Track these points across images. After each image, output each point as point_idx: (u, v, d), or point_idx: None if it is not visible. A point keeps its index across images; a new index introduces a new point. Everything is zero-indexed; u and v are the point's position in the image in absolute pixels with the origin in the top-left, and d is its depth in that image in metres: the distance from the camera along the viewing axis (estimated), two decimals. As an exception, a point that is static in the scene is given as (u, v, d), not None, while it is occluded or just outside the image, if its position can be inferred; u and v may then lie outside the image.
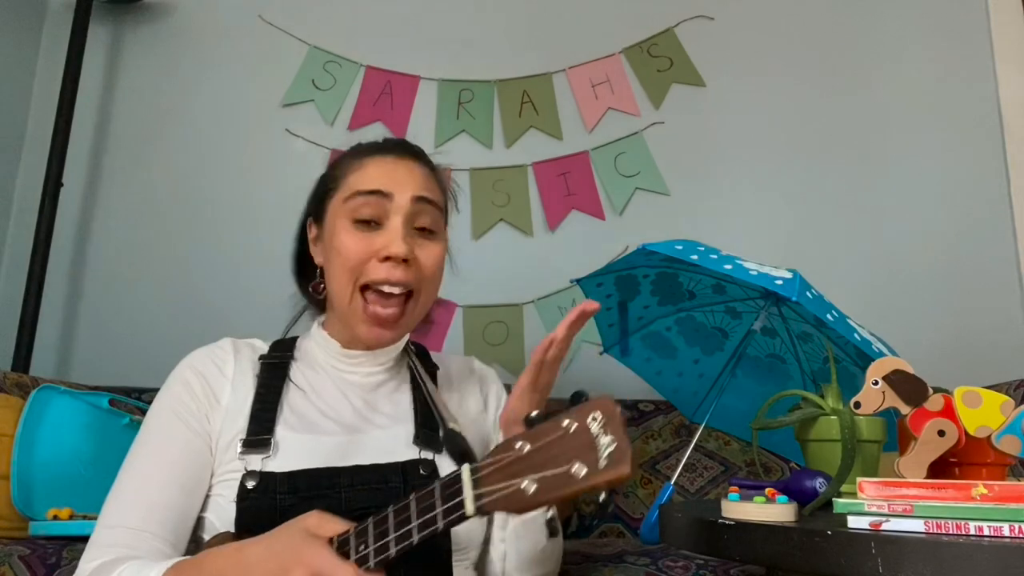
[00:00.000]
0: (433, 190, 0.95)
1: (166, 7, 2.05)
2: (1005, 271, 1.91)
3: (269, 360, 0.95)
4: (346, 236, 0.90)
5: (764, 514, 0.74)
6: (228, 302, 1.85)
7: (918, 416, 0.80)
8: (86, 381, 1.66)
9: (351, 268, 0.89)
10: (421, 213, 0.92)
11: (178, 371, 0.91)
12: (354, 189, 0.91)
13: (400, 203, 0.90)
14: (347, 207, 0.91)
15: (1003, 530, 0.62)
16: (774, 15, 2.05)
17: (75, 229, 1.93)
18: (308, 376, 0.95)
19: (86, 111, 1.96)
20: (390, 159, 0.94)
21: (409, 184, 0.92)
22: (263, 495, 0.81)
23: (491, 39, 2.04)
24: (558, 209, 1.95)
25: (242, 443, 0.85)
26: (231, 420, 0.87)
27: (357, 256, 0.89)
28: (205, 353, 0.93)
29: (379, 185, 0.90)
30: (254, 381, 0.92)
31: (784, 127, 1.99)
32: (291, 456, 0.85)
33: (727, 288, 1.31)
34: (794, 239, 1.92)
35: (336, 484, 0.83)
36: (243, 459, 0.84)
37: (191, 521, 0.84)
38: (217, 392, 0.89)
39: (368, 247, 0.89)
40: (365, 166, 0.94)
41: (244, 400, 0.89)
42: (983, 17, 2.03)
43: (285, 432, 0.87)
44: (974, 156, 1.97)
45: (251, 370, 0.93)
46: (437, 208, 0.94)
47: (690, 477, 1.63)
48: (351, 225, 0.90)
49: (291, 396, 0.91)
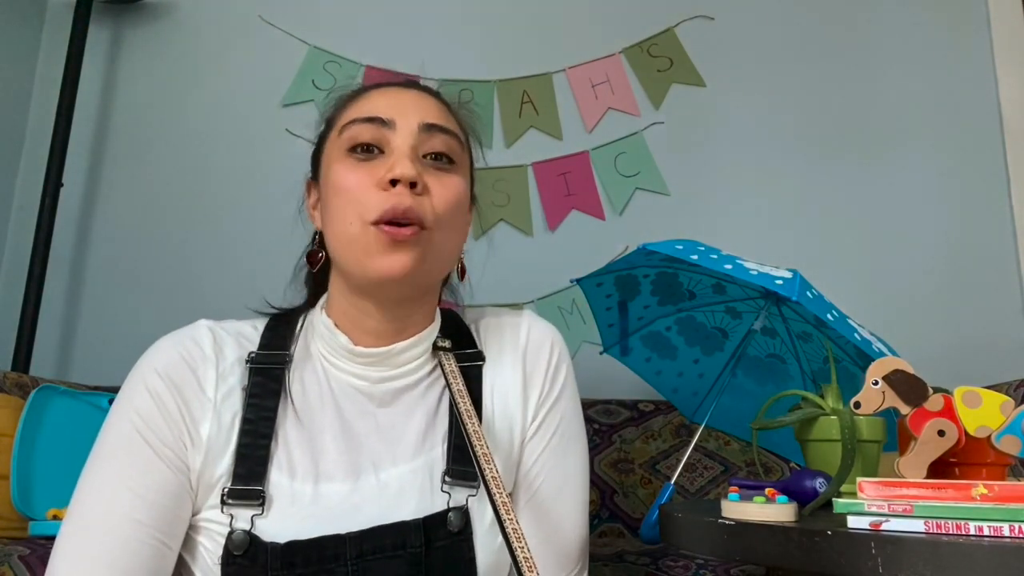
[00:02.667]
0: (448, 120, 0.78)
1: (166, 7, 2.05)
2: (1005, 271, 1.91)
3: (259, 365, 0.75)
4: (343, 168, 0.74)
5: (764, 514, 0.74)
6: (228, 302, 1.83)
7: (918, 416, 0.80)
8: (86, 381, 1.66)
9: (352, 203, 0.71)
10: (432, 140, 0.75)
11: (142, 375, 0.72)
12: (349, 119, 0.75)
13: (405, 131, 0.74)
14: (342, 139, 0.75)
15: (1003, 530, 0.62)
16: (774, 15, 2.05)
17: (75, 229, 1.93)
18: (308, 388, 0.76)
19: (86, 111, 1.96)
20: (393, 89, 0.79)
21: (416, 110, 0.76)
22: (251, 565, 0.67)
23: (491, 39, 2.04)
24: (558, 209, 1.95)
25: (227, 493, 0.68)
26: (213, 455, 0.70)
27: (358, 187, 0.72)
28: (178, 353, 0.73)
29: (378, 111, 0.74)
30: (241, 397, 0.73)
31: (784, 127, 1.99)
32: (287, 516, 0.69)
33: (727, 288, 1.31)
34: (794, 239, 1.92)
35: (341, 556, 0.68)
36: (228, 512, 0.68)
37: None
38: (196, 414, 0.71)
39: (370, 175, 0.72)
40: (363, 97, 0.78)
41: (229, 427, 0.71)
42: (983, 17, 2.03)
43: (280, 479, 0.70)
44: (974, 156, 1.97)
45: (238, 381, 0.74)
46: (455, 137, 0.77)
47: (690, 477, 1.63)
48: (347, 156, 0.74)
49: (288, 423, 0.73)
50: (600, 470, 1.64)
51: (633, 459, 1.66)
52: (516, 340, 0.83)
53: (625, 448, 1.66)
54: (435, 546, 0.71)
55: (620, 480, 1.64)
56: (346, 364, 0.77)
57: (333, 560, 0.68)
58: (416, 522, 0.71)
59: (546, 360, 0.82)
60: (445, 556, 0.71)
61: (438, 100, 0.80)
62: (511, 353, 0.82)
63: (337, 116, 0.79)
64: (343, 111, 0.78)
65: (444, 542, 0.71)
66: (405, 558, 0.69)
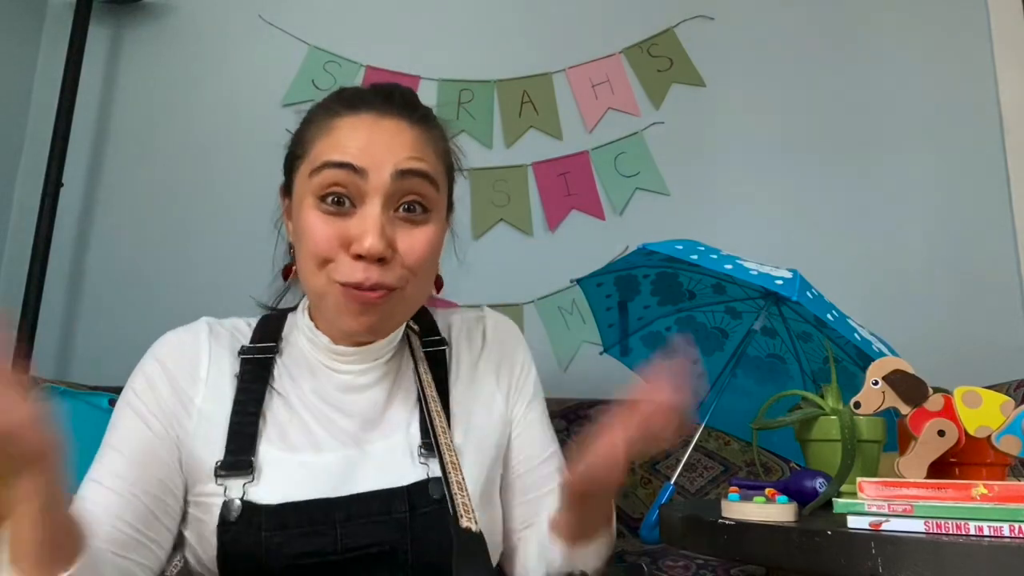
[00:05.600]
0: (426, 156, 0.77)
1: (166, 7, 2.05)
2: (1005, 271, 1.91)
3: (250, 356, 0.81)
4: (313, 218, 0.74)
5: (764, 514, 0.74)
6: (228, 302, 1.83)
7: (918, 416, 0.80)
8: (86, 381, 1.65)
9: (320, 260, 0.73)
10: (407, 190, 0.74)
11: (143, 364, 0.79)
12: (321, 160, 0.74)
13: (377, 182, 0.73)
14: (313, 183, 0.74)
15: (1003, 530, 0.62)
16: (774, 15, 2.05)
17: (75, 229, 1.93)
18: (295, 375, 0.82)
19: (86, 111, 1.95)
20: (368, 118, 0.76)
21: (390, 154, 0.74)
22: (246, 529, 0.71)
23: (491, 39, 2.04)
24: (558, 209, 1.95)
25: (219, 465, 0.74)
26: (205, 433, 0.76)
27: (326, 245, 0.73)
28: (176, 344, 0.80)
29: (351, 157, 0.73)
30: (233, 383, 0.79)
31: (784, 127, 1.99)
32: (277, 482, 0.74)
33: (727, 288, 1.31)
34: (794, 239, 1.92)
35: (331, 519, 0.72)
36: (222, 483, 0.73)
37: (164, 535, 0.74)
38: (187, 397, 0.77)
39: (338, 234, 0.73)
40: (335, 129, 0.76)
41: (222, 408, 0.77)
42: (983, 17, 2.03)
43: (269, 451, 0.76)
44: (974, 156, 1.97)
45: (229, 368, 0.80)
46: (430, 181, 0.76)
47: (690, 477, 1.63)
48: (318, 205, 0.74)
49: (275, 404, 0.79)
50: (600, 470, 1.63)
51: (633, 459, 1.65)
52: (478, 326, 0.93)
53: (625, 448, 1.66)
54: (419, 512, 0.75)
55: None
56: (328, 360, 0.82)
57: (324, 523, 0.72)
58: (401, 489, 0.76)
59: (510, 342, 0.93)
60: (428, 522, 0.75)
61: (416, 126, 0.78)
62: (478, 341, 0.91)
63: (309, 143, 0.78)
64: (316, 140, 0.77)
65: (427, 508, 0.75)
66: (391, 523, 0.74)
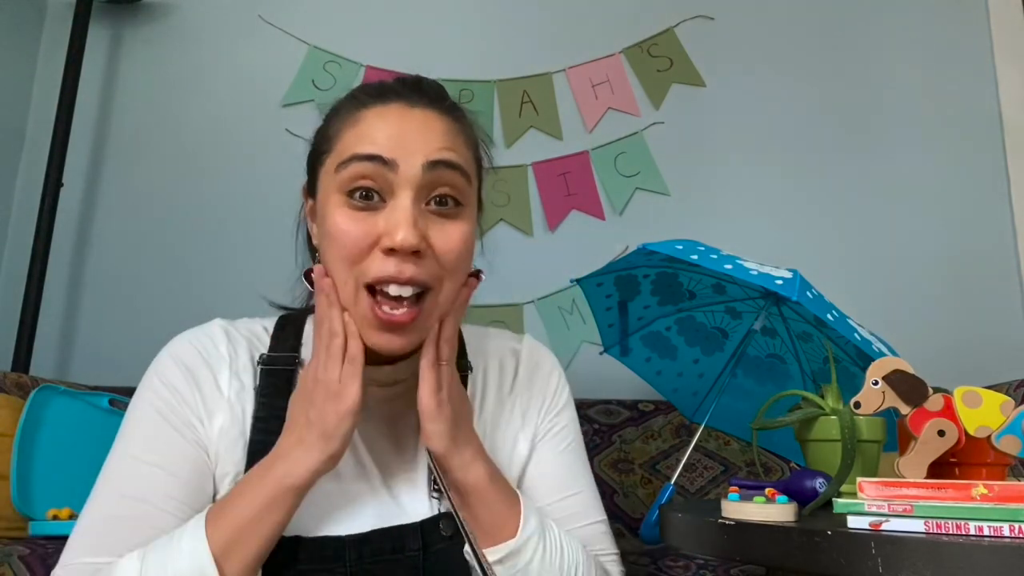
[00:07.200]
0: (457, 147, 0.73)
1: (166, 7, 2.05)
2: (1005, 271, 1.91)
3: (270, 366, 0.77)
4: (340, 217, 0.69)
5: (764, 514, 0.74)
6: (228, 303, 1.84)
7: (918, 416, 0.80)
8: (86, 381, 1.66)
9: (349, 260, 0.69)
10: (438, 183, 0.70)
11: (163, 366, 0.74)
12: (348, 153, 0.70)
13: (407, 173, 0.69)
14: (340, 178, 0.70)
15: (1003, 530, 0.62)
16: (774, 15, 2.05)
17: (75, 229, 1.93)
18: None
19: (86, 111, 1.95)
20: (396, 108, 0.72)
21: (421, 144, 0.70)
22: None
23: (491, 39, 2.04)
24: (558, 209, 1.95)
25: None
26: (225, 448, 0.72)
27: (355, 244, 0.68)
28: (195, 348, 0.75)
29: (379, 148, 0.69)
30: (252, 396, 0.75)
31: (784, 127, 1.99)
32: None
33: (727, 288, 1.31)
34: (794, 239, 1.92)
35: (342, 557, 0.69)
36: None
37: None
38: (210, 407, 0.73)
39: (368, 232, 0.68)
40: (362, 120, 0.72)
41: (241, 423, 0.73)
42: (983, 17, 2.03)
43: None
44: (974, 156, 1.97)
45: (249, 379, 0.75)
46: (462, 173, 0.72)
47: (690, 477, 1.63)
48: (345, 201, 0.70)
49: None
50: (600, 470, 1.64)
51: (633, 459, 1.66)
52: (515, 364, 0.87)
53: (625, 448, 1.66)
54: (432, 550, 0.72)
55: (620, 480, 1.64)
56: None
57: (333, 560, 0.69)
58: (413, 526, 0.72)
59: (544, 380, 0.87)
60: (442, 560, 0.72)
61: (446, 116, 0.74)
62: (510, 373, 0.86)
63: (335, 137, 0.74)
64: (342, 133, 0.73)
65: (441, 546, 0.72)
66: (403, 562, 0.71)
